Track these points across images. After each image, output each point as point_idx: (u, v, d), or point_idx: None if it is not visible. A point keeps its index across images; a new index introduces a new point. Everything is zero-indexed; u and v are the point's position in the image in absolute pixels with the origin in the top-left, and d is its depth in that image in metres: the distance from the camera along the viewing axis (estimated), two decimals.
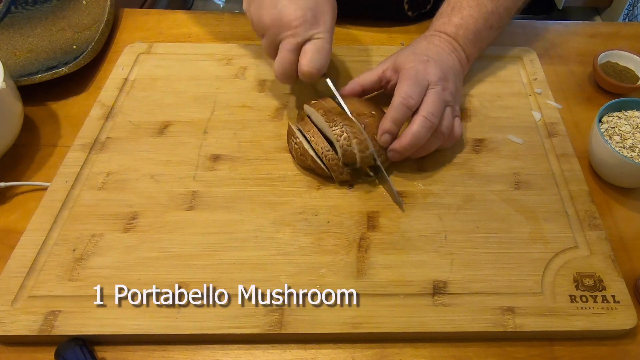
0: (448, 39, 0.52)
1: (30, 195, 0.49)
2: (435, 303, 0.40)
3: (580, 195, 0.47)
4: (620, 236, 0.46)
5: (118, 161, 0.50)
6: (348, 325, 0.39)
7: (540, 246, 0.43)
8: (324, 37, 0.48)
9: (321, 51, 0.47)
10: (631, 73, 0.59)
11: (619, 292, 0.40)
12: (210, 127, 0.53)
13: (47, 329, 0.38)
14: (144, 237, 0.44)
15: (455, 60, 0.51)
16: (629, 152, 0.48)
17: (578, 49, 0.65)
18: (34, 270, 0.42)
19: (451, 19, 0.53)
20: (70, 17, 0.65)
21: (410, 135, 0.46)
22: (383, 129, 0.46)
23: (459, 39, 0.52)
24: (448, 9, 0.54)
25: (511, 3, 0.55)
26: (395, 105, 0.46)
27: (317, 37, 0.47)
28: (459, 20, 0.53)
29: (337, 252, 0.43)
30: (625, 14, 1.66)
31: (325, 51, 0.48)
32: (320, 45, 0.47)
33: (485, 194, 0.47)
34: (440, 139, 0.48)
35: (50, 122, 0.55)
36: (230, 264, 0.42)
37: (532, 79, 0.59)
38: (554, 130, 0.53)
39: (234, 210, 0.46)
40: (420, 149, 0.47)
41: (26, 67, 0.57)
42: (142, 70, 0.59)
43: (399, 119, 0.46)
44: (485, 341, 0.39)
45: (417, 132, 0.45)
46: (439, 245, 0.43)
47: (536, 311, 0.39)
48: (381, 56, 0.61)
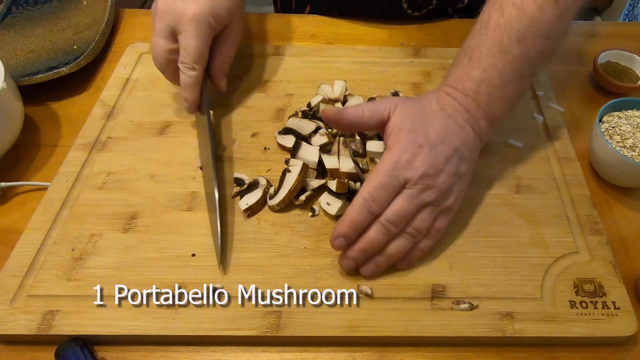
0: (465, 101, 0.42)
1: (30, 195, 0.49)
2: (434, 307, 0.40)
3: (581, 200, 0.47)
4: (621, 236, 0.46)
5: (118, 161, 0.50)
6: (346, 329, 0.39)
7: (541, 251, 0.43)
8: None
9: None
10: (631, 73, 0.59)
11: (619, 299, 0.40)
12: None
13: (45, 329, 0.38)
14: (143, 237, 0.44)
15: (467, 135, 0.42)
16: (630, 151, 0.47)
17: (578, 49, 0.65)
18: (33, 269, 0.42)
19: (470, 72, 0.43)
20: (70, 17, 0.65)
21: (363, 241, 0.39)
22: (338, 231, 0.39)
23: (480, 98, 0.42)
24: (465, 58, 0.44)
25: (545, 44, 0.43)
26: (357, 207, 0.39)
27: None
28: (479, 73, 0.42)
29: (336, 255, 0.43)
30: (625, 14, 1.66)
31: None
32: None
33: (486, 198, 0.47)
34: (412, 243, 0.41)
35: (51, 122, 0.56)
36: (230, 264, 0.42)
37: (535, 81, 0.59)
38: (556, 133, 0.53)
39: (233, 211, 0.46)
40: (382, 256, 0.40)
41: (27, 67, 0.58)
42: (144, 70, 0.59)
43: (356, 222, 0.39)
44: (485, 345, 0.39)
45: (371, 238, 0.39)
46: (438, 248, 0.43)
47: (535, 317, 0.39)
48: (381, 57, 0.61)
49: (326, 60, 0.61)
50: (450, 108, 0.42)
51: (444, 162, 0.40)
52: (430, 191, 0.40)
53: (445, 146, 0.41)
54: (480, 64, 0.43)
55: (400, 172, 0.39)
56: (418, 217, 0.40)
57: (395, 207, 0.39)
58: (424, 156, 0.39)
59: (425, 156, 0.40)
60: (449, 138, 0.41)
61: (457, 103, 0.42)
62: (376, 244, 0.40)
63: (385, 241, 0.40)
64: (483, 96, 0.42)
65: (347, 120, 0.42)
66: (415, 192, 0.39)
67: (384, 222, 0.39)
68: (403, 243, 0.40)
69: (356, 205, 0.39)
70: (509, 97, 0.44)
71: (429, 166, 0.39)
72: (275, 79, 0.58)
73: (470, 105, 0.42)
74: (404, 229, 0.40)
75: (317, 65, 0.60)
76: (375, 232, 0.39)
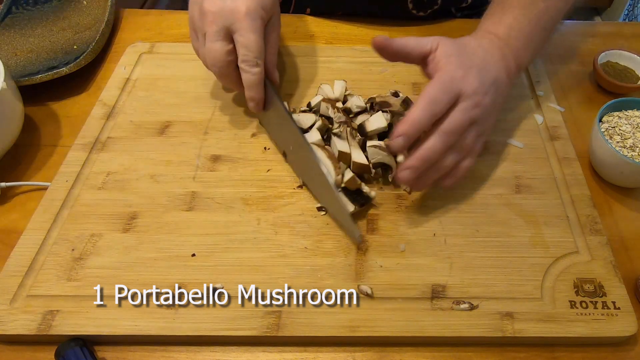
0: (499, 43, 0.47)
1: (30, 195, 0.49)
2: (434, 307, 0.40)
3: (581, 200, 0.47)
4: (621, 236, 0.46)
5: (118, 161, 0.50)
6: (346, 329, 0.38)
7: (541, 251, 0.43)
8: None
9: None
10: (631, 73, 0.59)
11: (619, 299, 0.40)
12: (211, 127, 0.53)
13: (45, 329, 0.38)
14: (143, 238, 0.44)
15: (501, 70, 0.46)
16: (630, 151, 0.47)
17: (578, 49, 0.65)
18: (33, 269, 0.42)
19: (502, 19, 0.49)
20: (70, 17, 0.65)
21: (425, 149, 0.41)
22: (398, 131, 0.40)
23: (511, 42, 0.47)
24: (498, 8, 0.50)
25: (562, 3, 0.51)
26: (420, 107, 0.40)
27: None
28: (511, 20, 0.48)
29: (336, 255, 0.43)
30: (625, 14, 1.66)
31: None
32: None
33: (486, 198, 0.47)
34: (459, 159, 0.44)
35: (51, 122, 0.56)
36: (229, 265, 0.42)
37: (535, 81, 0.59)
38: (556, 133, 0.53)
39: (233, 211, 0.46)
40: (434, 169, 0.43)
41: (27, 67, 0.58)
42: (144, 70, 0.59)
43: (421, 122, 0.40)
44: (485, 345, 0.39)
45: (433, 147, 0.41)
46: (438, 248, 0.43)
47: (535, 317, 0.39)
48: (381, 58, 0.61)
49: (326, 60, 0.61)
50: (487, 45, 0.47)
51: (489, 84, 0.44)
52: (479, 109, 0.43)
53: (488, 74, 0.45)
54: (512, 13, 0.49)
55: (456, 84, 0.42)
56: (466, 133, 0.43)
57: (452, 118, 0.42)
58: (474, 75, 0.43)
59: (476, 75, 0.43)
60: (490, 68, 0.45)
61: (492, 43, 0.47)
62: (435, 153, 0.42)
63: (443, 151, 0.42)
64: (513, 40, 0.48)
65: (394, 48, 0.44)
66: (468, 106, 0.42)
67: (443, 131, 0.41)
68: (454, 157, 0.43)
69: (419, 106, 0.41)
70: (534, 46, 0.49)
71: (479, 84, 0.43)
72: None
73: (503, 46, 0.47)
74: (456, 143, 0.43)
75: (317, 65, 0.60)
76: (435, 141, 0.41)
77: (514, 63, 0.48)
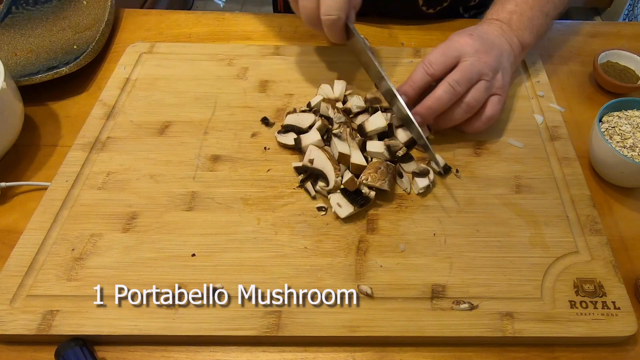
0: (498, 24, 0.52)
1: (30, 195, 0.49)
2: (434, 307, 0.40)
3: (581, 200, 0.47)
4: (621, 236, 0.46)
5: (118, 161, 0.50)
6: (346, 329, 0.39)
7: (541, 251, 0.43)
8: None
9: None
10: (631, 73, 0.59)
11: (619, 298, 0.40)
12: (211, 127, 0.53)
13: (45, 329, 0.38)
14: (143, 237, 0.44)
15: (503, 42, 0.51)
16: (629, 151, 0.47)
17: (578, 49, 0.65)
18: (33, 269, 0.42)
19: (504, 6, 0.53)
20: (70, 18, 0.65)
21: (432, 98, 0.47)
22: (400, 90, 0.49)
23: (512, 24, 0.52)
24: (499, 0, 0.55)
25: None
26: (418, 70, 0.48)
27: None
28: (513, 7, 0.53)
29: (336, 255, 0.43)
30: (625, 14, 1.66)
31: None
32: None
33: (486, 198, 0.47)
34: (467, 112, 0.48)
35: (51, 122, 0.56)
36: (229, 265, 0.42)
37: (535, 81, 0.59)
38: (556, 133, 0.53)
39: (233, 211, 0.46)
40: (446, 117, 0.48)
41: (27, 67, 0.58)
42: (144, 70, 0.59)
43: (415, 82, 0.48)
44: (485, 345, 0.39)
45: (439, 97, 0.46)
46: (438, 248, 0.43)
47: (535, 316, 0.39)
48: (381, 57, 0.61)
49: (326, 60, 0.61)
50: (487, 26, 0.52)
51: (490, 46, 0.49)
52: (484, 64, 0.47)
53: (488, 39, 0.50)
54: (514, 1, 0.53)
55: (455, 47, 0.48)
56: (476, 87, 0.47)
57: (459, 68, 0.47)
58: (475, 39, 0.49)
59: (476, 39, 0.49)
60: (490, 37, 0.50)
61: (493, 24, 0.52)
62: (442, 102, 0.47)
63: (450, 101, 0.47)
64: (515, 22, 0.52)
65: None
66: (472, 60, 0.47)
67: (450, 81, 0.46)
68: (463, 110, 0.48)
69: (417, 69, 0.48)
70: (536, 29, 0.54)
71: (481, 45, 0.48)
72: (275, 79, 0.58)
73: (504, 27, 0.52)
74: (464, 97, 0.47)
75: (317, 65, 0.60)
76: (442, 91, 0.46)
77: (517, 40, 0.52)
